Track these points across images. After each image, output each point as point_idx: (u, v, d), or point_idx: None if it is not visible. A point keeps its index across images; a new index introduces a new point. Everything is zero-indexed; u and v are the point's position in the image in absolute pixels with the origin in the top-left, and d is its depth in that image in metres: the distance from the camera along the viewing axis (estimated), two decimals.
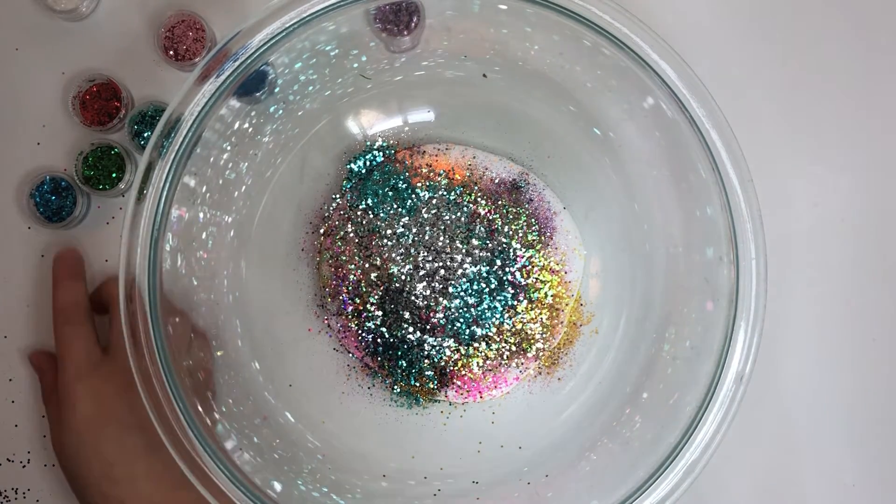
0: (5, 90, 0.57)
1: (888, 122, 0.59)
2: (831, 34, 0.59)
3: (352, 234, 0.56)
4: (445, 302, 0.55)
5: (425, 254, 0.55)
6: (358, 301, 0.56)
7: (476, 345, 0.55)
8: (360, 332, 0.56)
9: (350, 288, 0.56)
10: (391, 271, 0.55)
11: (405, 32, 0.51)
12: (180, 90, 0.46)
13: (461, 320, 0.55)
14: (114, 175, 0.55)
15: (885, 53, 0.59)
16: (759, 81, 0.58)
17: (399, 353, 0.55)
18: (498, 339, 0.56)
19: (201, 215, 0.51)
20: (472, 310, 0.55)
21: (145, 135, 0.56)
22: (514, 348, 0.56)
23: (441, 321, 0.55)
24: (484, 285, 0.55)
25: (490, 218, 0.56)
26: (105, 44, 0.57)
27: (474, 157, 0.56)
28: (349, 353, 0.56)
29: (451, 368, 0.56)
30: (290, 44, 0.48)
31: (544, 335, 0.56)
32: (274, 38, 0.47)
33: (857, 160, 0.59)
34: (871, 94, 0.59)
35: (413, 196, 0.56)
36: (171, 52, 0.55)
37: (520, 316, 0.55)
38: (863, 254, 0.58)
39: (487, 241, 0.55)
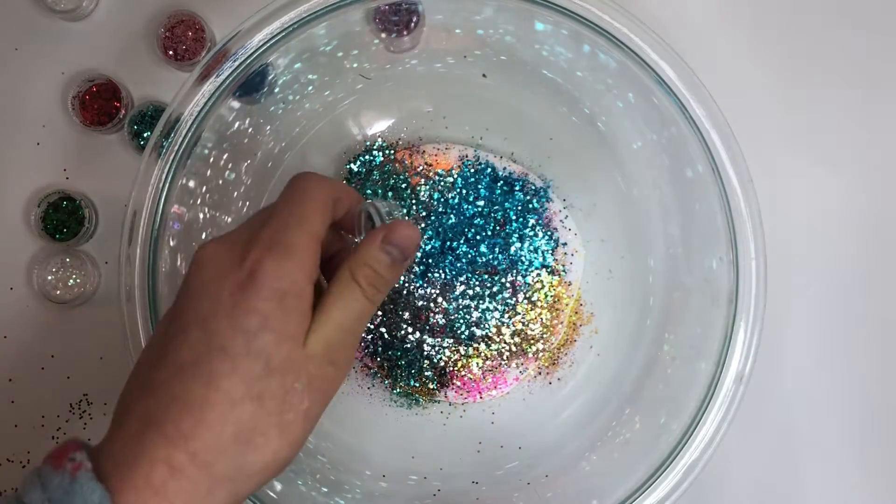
0: (5, 90, 0.57)
1: (888, 122, 0.59)
2: (831, 34, 0.59)
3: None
4: (445, 302, 0.55)
5: (424, 254, 0.55)
6: None
7: (476, 345, 0.55)
8: None
9: None
10: None
11: (405, 32, 0.51)
12: (180, 90, 0.46)
13: (461, 320, 0.55)
14: (74, 226, 0.55)
15: (885, 54, 0.59)
16: (759, 81, 0.58)
17: (399, 353, 0.55)
18: (497, 340, 0.55)
19: (201, 215, 0.51)
20: (472, 310, 0.55)
21: (145, 135, 0.56)
22: (513, 348, 0.56)
23: (441, 321, 0.55)
24: (484, 285, 0.55)
25: (490, 218, 0.56)
26: (105, 44, 0.57)
27: (474, 157, 0.56)
28: None
29: (451, 369, 0.56)
30: (290, 44, 0.48)
31: (544, 335, 0.56)
32: (274, 38, 0.47)
33: (857, 160, 0.59)
34: (871, 94, 0.59)
35: (413, 196, 0.56)
36: (171, 52, 0.55)
37: (520, 316, 0.55)
38: (862, 254, 0.58)
39: (487, 242, 0.55)
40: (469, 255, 0.55)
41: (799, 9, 0.59)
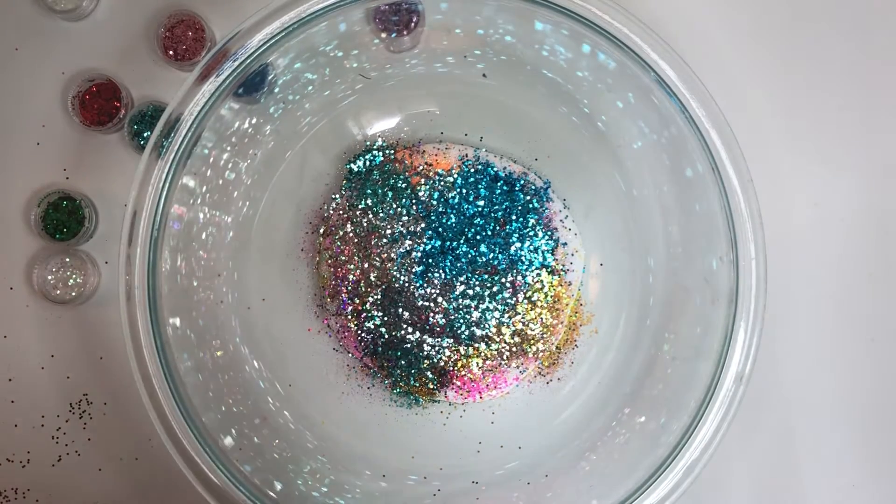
0: (5, 90, 0.57)
1: (888, 122, 0.59)
2: (831, 35, 0.59)
3: (351, 234, 0.56)
4: (445, 302, 0.55)
5: (424, 254, 0.55)
6: (357, 301, 0.56)
7: (476, 345, 0.55)
8: (359, 332, 0.56)
9: (349, 288, 0.56)
10: (390, 271, 0.55)
11: (405, 32, 0.51)
12: (180, 90, 0.46)
13: (461, 320, 0.55)
14: (74, 226, 0.55)
15: (885, 54, 0.59)
16: (759, 81, 0.58)
17: (399, 353, 0.55)
18: (498, 340, 0.55)
19: (201, 215, 0.51)
20: (472, 310, 0.55)
21: (145, 135, 0.56)
22: (513, 348, 0.56)
23: (441, 321, 0.55)
24: (484, 286, 0.55)
25: (490, 218, 0.56)
26: (105, 44, 0.57)
27: (474, 157, 0.56)
28: (349, 353, 0.56)
29: (451, 369, 0.56)
30: (290, 44, 0.48)
31: (544, 335, 0.56)
32: (274, 38, 0.47)
33: (857, 160, 0.59)
34: (871, 94, 0.59)
35: (412, 196, 0.56)
36: (171, 52, 0.55)
37: (520, 316, 0.55)
38: (862, 254, 0.58)
39: (487, 242, 0.55)
40: (469, 255, 0.55)
41: (798, 9, 0.59)
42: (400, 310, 0.55)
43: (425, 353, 0.55)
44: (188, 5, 0.57)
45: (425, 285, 0.55)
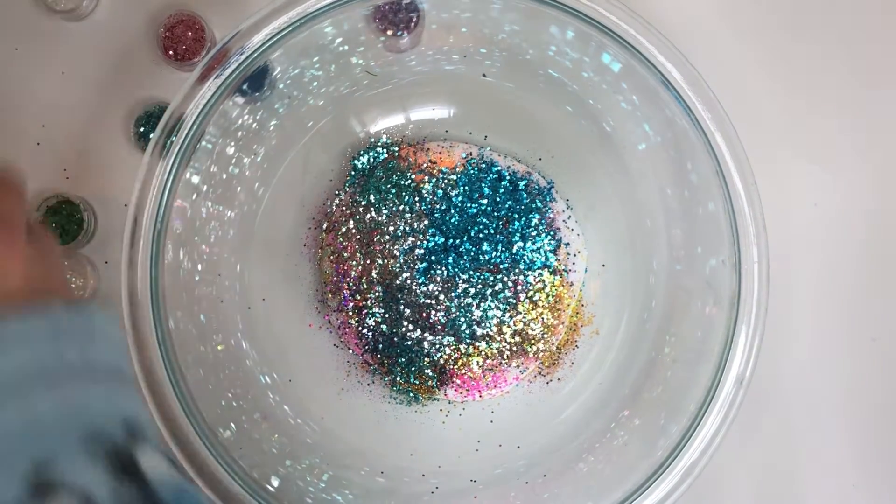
0: (5, 90, 0.57)
1: (888, 121, 0.58)
2: (834, 36, 0.58)
3: (354, 231, 0.56)
4: (446, 300, 0.55)
5: (427, 251, 0.55)
6: (359, 298, 0.56)
7: (476, 344, 0.55)
8: (360, 328, 0.56)
9: (351, 284, 0.56)
10: (393, 268, 0.55)
11: (406, 32, 0.50)
12: (181, 90, 0.46)
13: (462, 319, 0.55)
14: (74, 230, 0.55)
15: (886, 55, 0.58)
16: (763, 84, 0.58)
17: (399, 350, 0.55)
18: (498, 339, 0.56)
19: (204, 211, 0.51)
20: (473, 309, 0.55)
21: (151, 136, 0.55)
22: (514, 348, 0.56)
23: (441, 319, 0.55)
24: (485, 284, 0.55)
25: (493, 216, 0.55)
26: (105, 44, 0.57)
27: (479, 156, 0.56)
28: (349, 349, 0.57)
29: (451, 367, 0.56)
30: (291, 43, 0.48)
31: (545, 335, 0.56)
32: (274, 38, 0.47)
33: (857, 160, 0.58)
34: (871, 94, 0.58)
35: (415, 193, 0.56)
36: (171, 52, 0.55)
37: (521, 316, 0.55)
38: (863, 254, 0.58)
39: (489, 240, 0.55)
40: (472, 253, 0.55)
41: (800, 9, 0.58)
42: (401, 307, 0.55)
43: (426, 350, 0.55)
44: (188, 5, 0.56)
45: (427, 283, 0.55)
